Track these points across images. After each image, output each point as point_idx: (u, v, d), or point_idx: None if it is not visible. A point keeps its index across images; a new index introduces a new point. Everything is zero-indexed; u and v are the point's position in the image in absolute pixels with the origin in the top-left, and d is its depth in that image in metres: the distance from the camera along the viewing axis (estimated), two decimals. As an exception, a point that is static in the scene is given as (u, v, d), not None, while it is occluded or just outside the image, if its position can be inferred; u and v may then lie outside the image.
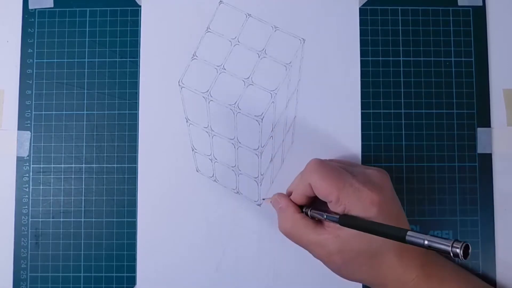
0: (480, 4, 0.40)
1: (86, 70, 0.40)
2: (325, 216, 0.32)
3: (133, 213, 0.39)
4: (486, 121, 0.39)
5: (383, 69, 0.39)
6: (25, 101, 0.40)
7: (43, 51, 0.40)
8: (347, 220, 0.31)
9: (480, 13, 0.40)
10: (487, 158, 0.39)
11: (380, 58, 0.40)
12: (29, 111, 0.40)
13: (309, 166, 0.33)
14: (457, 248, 0.24)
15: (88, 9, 0.40)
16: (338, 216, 0.31)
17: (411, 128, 0.39)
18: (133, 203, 0.39)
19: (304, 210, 0.35)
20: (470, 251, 0.25)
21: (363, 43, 0.40)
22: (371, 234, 0.30)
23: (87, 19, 0.40)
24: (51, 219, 0.39)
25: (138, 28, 0.40)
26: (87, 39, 0.40)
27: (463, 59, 0.40)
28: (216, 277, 0.38)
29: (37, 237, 0.39)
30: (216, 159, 0.39)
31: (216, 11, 0.39)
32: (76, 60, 0.40)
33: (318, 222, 0.34)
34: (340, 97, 0.39)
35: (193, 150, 0.39)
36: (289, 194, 0.36)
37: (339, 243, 0.32)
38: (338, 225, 0.32)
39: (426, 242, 0.25)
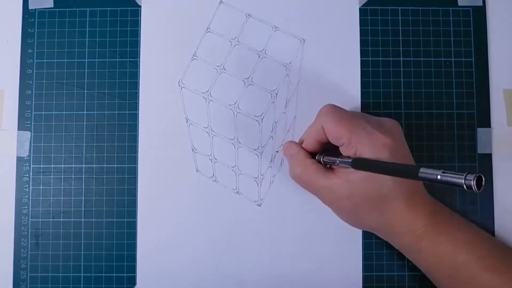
0: (480, 4, 0.40)
1: (86, 70, 0.40)
2: (338, 161, 0.32)
3: (133, 213, 0.39)
4: (486, 121, 0.39)
5: (383, 69, 0.39)
6: (25, 101, 0.40)
7: (43, 51, 0.40)
8: (360, 162, 0.31)
9: (480, 13, 0.40)
10: (487, 158, 0.39)
11: (380, 58, 0.40)
12: (29, 111, 0.40)
13: (322, 110, 0.34)
14: (470, 180, 0.23)
15: (88, 9, 0.40)
16: (351, 160, 0.31)
17: (411, 128, 0.39)
18: (133, 203, 0.39)
19: (317, 157, 0.35)
20: (483, 182, 0.24)
21: (363, 43, 0.40)
22: (381, 179, 0.30)
23: (87, 19, 0.40)
24: (51, 219, 0.39)
25: (138, 28, 0.40)
26: (87, 39, 0.40)
27: (463, 59, 0.40)
28: (216, 277, 0.38)
29: (37, 237, 0.39)
30: (216, 159, 0.39)
31: (216, 11, 0.39)
32: (76, 60, 0.40)
33: (329, 168, 0.34)
34: (340, 97, 0.39)
35: (193, 150, 0.39)
36: (301, 143, 0.36)
37: (349, 187, 0.32)
38: (348, 170, 0.32)
39: (439, 177, 0.25)
